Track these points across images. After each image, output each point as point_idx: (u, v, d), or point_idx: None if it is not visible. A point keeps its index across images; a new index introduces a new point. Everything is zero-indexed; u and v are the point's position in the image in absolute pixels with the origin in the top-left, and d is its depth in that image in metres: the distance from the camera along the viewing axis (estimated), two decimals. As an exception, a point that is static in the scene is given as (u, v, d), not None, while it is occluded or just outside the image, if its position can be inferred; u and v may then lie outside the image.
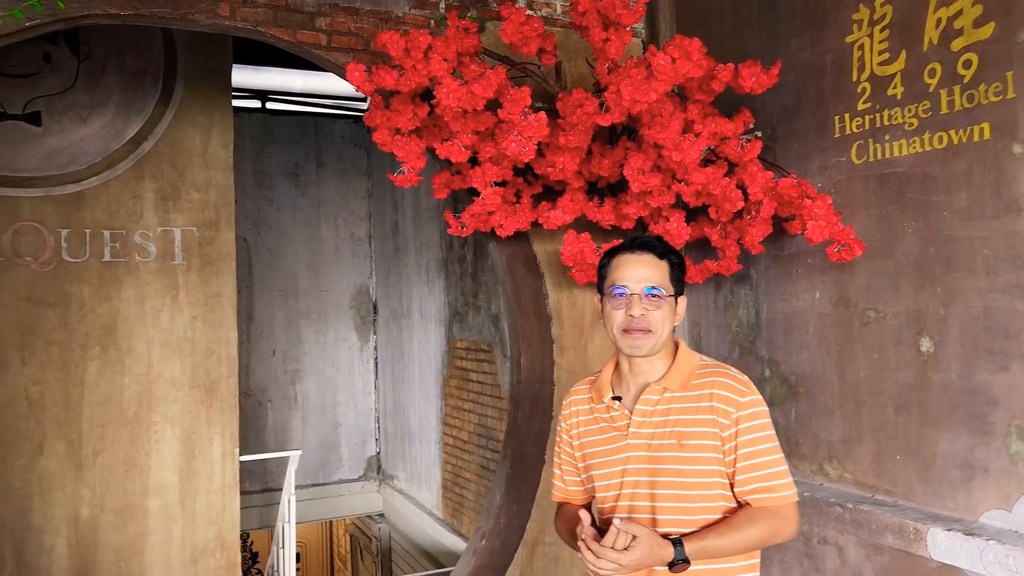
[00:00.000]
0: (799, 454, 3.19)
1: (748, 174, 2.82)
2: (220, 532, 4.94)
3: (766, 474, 1.76)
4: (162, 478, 4.80)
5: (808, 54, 3.09)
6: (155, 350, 4.79)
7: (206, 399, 4.91)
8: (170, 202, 4.84)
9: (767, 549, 3.23)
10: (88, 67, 4.71)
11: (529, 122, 2.57)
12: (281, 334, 8.53)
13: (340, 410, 8.83)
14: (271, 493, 7.99)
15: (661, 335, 1.81)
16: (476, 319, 6.78)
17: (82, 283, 4.63)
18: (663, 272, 1.83)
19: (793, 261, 3.20)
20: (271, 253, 8.50)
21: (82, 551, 4.61)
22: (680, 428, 1.78)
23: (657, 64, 2.46)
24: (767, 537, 1.76)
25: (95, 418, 4.65)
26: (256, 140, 8.46)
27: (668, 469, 1.78)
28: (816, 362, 3.11)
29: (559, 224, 3.12)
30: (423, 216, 7.84)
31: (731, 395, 1.78)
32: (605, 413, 1.89)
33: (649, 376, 1.85)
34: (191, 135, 4.90)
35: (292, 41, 3.17)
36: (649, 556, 1.66)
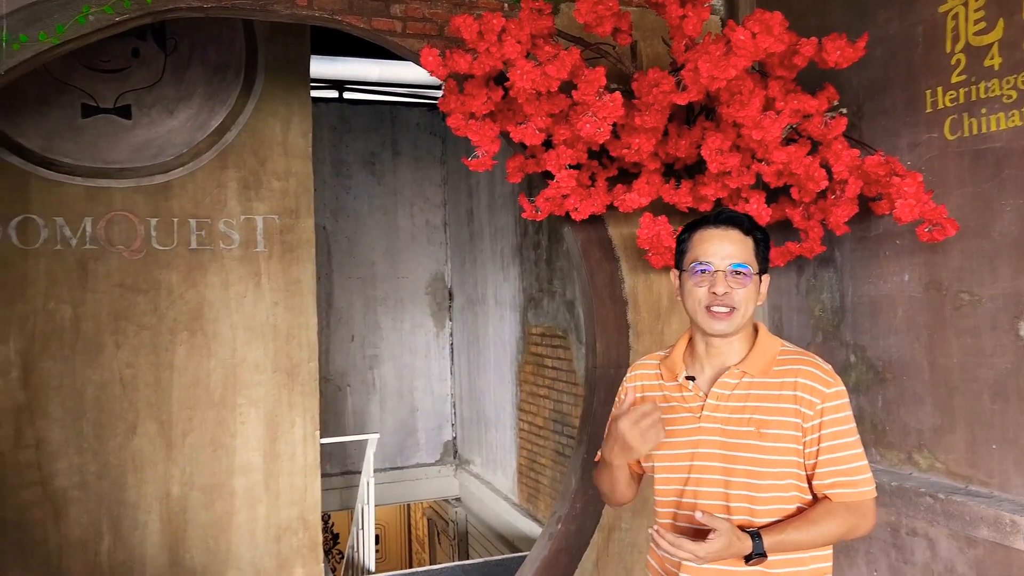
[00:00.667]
0: (886, 442, 3.08)
1: (832, 152, 2.72)
2: (302, 512, 5.08)
3: (848, 468, 1.71)
4: (247, 459, 4.96)
5: (897, 26, 2.96)
6: (239, 335, 4.94)
7: (288, 383, 5.04)
8: (252, 191, 4.97)
9: (852, 540, 3.14)
10: (174, 61, 4.87)
11: (604, 103, 2.53)
12: (359, 320, 8.69)
13: (417, 395, 8.97)
14: (350, 476, 8.18)
15: (745, 314, 1.75)
16: (551, 305, 6.77)
17: (170, 270, 4.81)
18: (748, 248, 1.76)
19: (880, 242, 3.08)
20: (349, 241, 8.66)
21: (173, 527, 4.81)
22: (760, 416, 1.72)
23: (736, 39, 2.39)
24: (845, 532, 1.71)
25: (184, 400, 4.83)
26: (334, 130, 8.62)
27: (743, 457, 1.72)
28: (905, 347, 2.99)
29: (635, 207, 3.08)
30: (497, 202, 7.86)
31: (817, 385, 1.72)
32: (676, 392, 1.84)
33: (727, 358, 1.79)
34: (272, 125, 5.02)
35: (368, 28, 3.20)
36: (727, 549, 1.62)
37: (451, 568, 5.62)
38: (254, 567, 4.96)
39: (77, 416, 4.63)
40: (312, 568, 5.09)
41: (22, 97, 4.53)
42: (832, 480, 1.71)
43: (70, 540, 4.62)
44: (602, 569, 3.48)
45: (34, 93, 4.57)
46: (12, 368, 4.51)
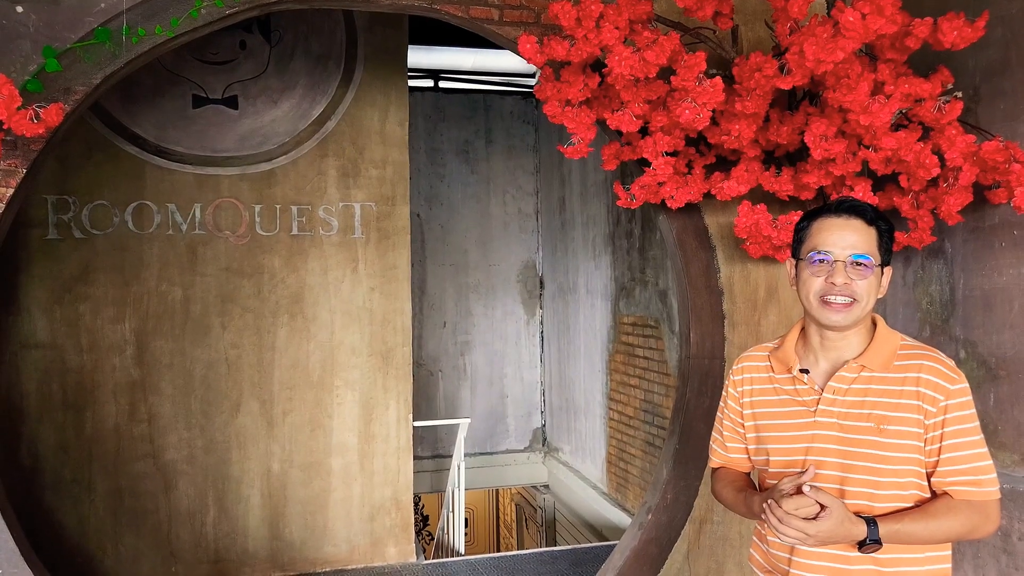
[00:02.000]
0: (998, 443, 2.93)
1: (945, 138, 2.60)
2: (395, 492, 5.22)
3: (972, 467, 1.65)
4: (343, 439, 5.12)
5: (1020, 3, 2.79)
6: (337, 319, 5.10)
7: (383, 366, 5.18)
8: (350, 178, 5.11)
9: (960, 544, 3.01)
10: (278, 53, 5.04)
11: (704, 88, 2.49)
12: (451, 307, 8.83)
13: (507, 382, 9.05)
14: (441, 459, 8.34)
15: (866, 307, 1.69)
16: (643, 294, 6.71)
17: (273, 255, 5.00)
18: (871, 239, 1.70)
19: (996, 233, 2.92)
20: (442, 228, 8.79)
21: (273, 502, 5.02)
22: (880, 411, 1.67)
23: (845, 21, 2.31)
24: (965, 532, 1.65)
25: (284, 381, 5.02)
26: (428, 118, 8.75)
27: (863, 453, 1.67)
28: (1020, 343, 2.83)
29: (733, 195, 3.02)
30: (590, 191, 7.83)
31: (941, 381, 1.66)
32: (789, 384, 1.79)
33: (844, 352, 1.74)
34: (370, 114, 5.14)
35: (465, 17, 3.23)
36: (839, 530, 1.57)
37: (539, 554, 5.67)
38: (349, 543, 5.13)
39: (186, 393, 4.88)
40: (404, 547, 5.22)
41: (137, 89, 4.78)
42: (955, 478, 1.65)
43: (179, 510, 4.88)
44: (693, 561, 3.45)
45: (148, 85, 4.81)
46: (128, 346, 4.78)
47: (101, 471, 4.74)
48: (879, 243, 1.71)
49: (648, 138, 2.90)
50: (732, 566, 3.47)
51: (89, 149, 4.71)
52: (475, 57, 8.06)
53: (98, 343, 4.72)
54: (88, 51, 2.86)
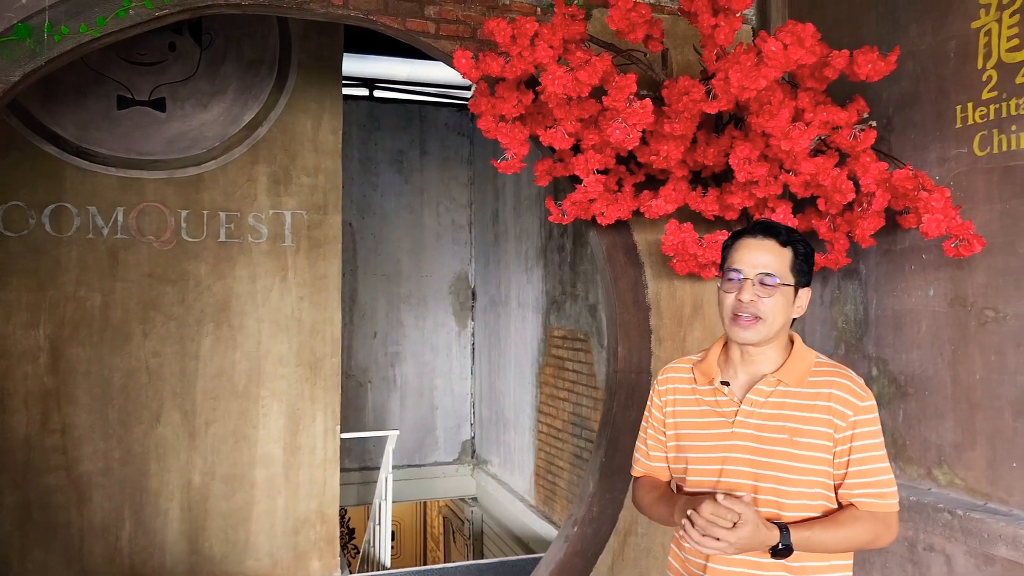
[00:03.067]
0: (906, 456, 3.07)
1: (860, 165, 2.72)
2: (321, 505, 5.14)
3: (876, 480, 1.73)
4: (268, 450, 5.02)
5: (929, 40, 2.95)
6: (264, 328, 5.01)
7: (310, 377, 5.11)
8: (281, 186, 5.04)
9: (867, 553, 3.13)
10: (209, 56, 4.96)
11: (634, 109, 2.55)
12: (382, 317, 8.76)
13: (437, 394, 9.01)
14: (368, 472, 8.24)
15: (771, 325, 1.76)
16: (573, 308, 6.79)
17: (199, 262, 4.89)
18: (784, 260, 1.76)
19: (906, 256, 3.07)
20: (375, 238, 8.73)
21: (193, 516, 4.88)
22: (794, 424, 1.74)
23: (768, 50, 2.40)
24: (869, 541, 1.74)
25: (208, 390, 4.91)
26: (363, 127, 8.69)
27: (775, 463, 1.74)
28: (928, 362, 2.98)
29: (661, 213, 3.09)
30: (523, 205, 7.89)
31: (851, 398, 1.74)
32: (710, 396, 1.85)
33: (762, 366, 1.81)
34: (303, 121, 5.09)
35: (401, 29, 3.24)
36: (755, 537, 1.63)
37: (466, 567, 5.65)
38: (272, 557, 5.03)
39: (103, 402, 4.72)
40: (328, 561, 5.15)
41: (60, 88, 4.63)
42: (861, 491, 1.73)
43: (92, 524, 4.70)
44: (617, 573, 3.50)
45: (71, 84, 4.67)
46: (41, 353, 4.60)
47: (9, 484, 4.54)
48: (793, 264, 1.77)
49: (580, 156, 2.95)
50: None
51: (5, 148, 4.54)
52: (411, 68, 8.04)
53: (9, 350, 4.54)
54: (6, 47, 2.77)
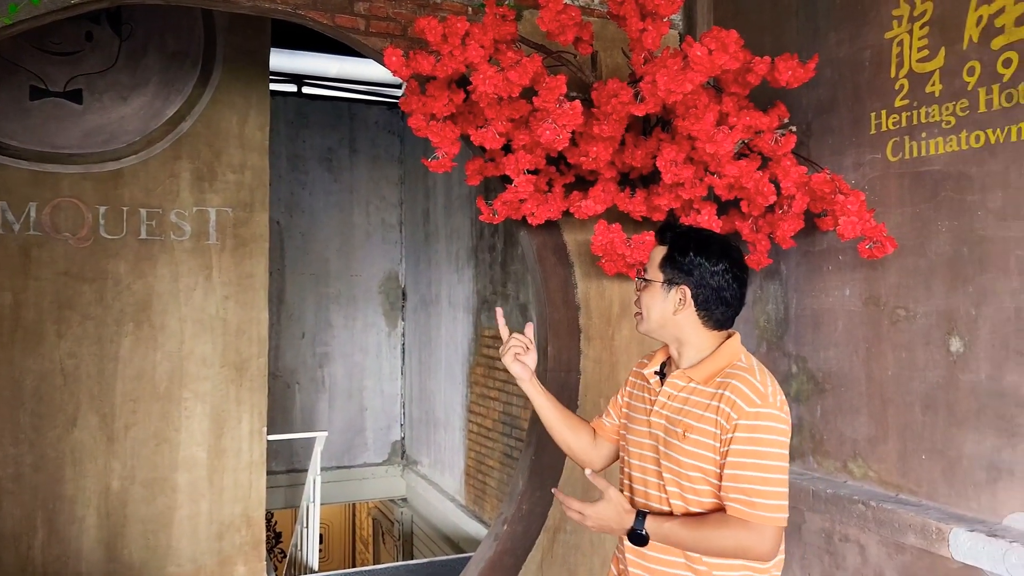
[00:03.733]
0: (823, 451, 3.18)
1: (781, 168, 2.81)
2: (246, 509, 5.03)
3: (748, 488, 1.69)
4: (191, 453, 4.89)
5: (846, 49, 3.07)
6: (187, 328, 4.88)
7: (236, 378, 5.00)
8: (206, 182, 4.92)
9: (786, 545, 3.23)
10: (129, 47, 4.80)
11: (564, 110, 2.58)
12: (311, 317, 8.63)
13: (367, 394, 8.93)
14: (296, 474, 8.11)
15: (648, 320, 1.88)
16: (504, 308, 6.81)
17: (118, 260, 4.73)
18: (657, 257, 1.88)
19: (824, 257, 3.18)
20: (303, 237, 8.59)
21: (112, 522, 4.72)
22: (689, 420, 1.79)
23: (693, 55, 2.46)
24: (735, 548, 1.70)
25: (127, 393, 4.75)
26: (291, 124, 8.55)
27: (672, 457, 1.82)
28: (844, 359, 3.09)
29: (590, 214, 3.13)
30: (454, 204, 7.88)
31: (740, 402, 1.72)
32: (647, 382, 1.97)
33: (682, 362, 1.89)
34: (228, 117, 4.98)
35: (331, 25, 3.20)
36: (613, 518, 1.75)
37: (395, 568, 5.62)
38: (194, 564, 4.90)
39: (14, 406, 4.53)
40: (254, 566, 5.04)
41: (-32, 77, 4.43)
42: (731, 496, 1.71)
43: (2, 533, 4.50)
44: (546, 570, 3.53)
45: (-19, 73, 4.47)
46: (-52, 355, 4.39)
47: (-88, 492, 4.32)
48: (667, 262, 1.84)
49: (511, 155, 2.97)
50: (584, 573, 3.57)
51: (-92, 138, 4.32)
52: (340, 64, 7.95)
53: (-89, 351, 4.32)
54: (-89, 33, 2.63)
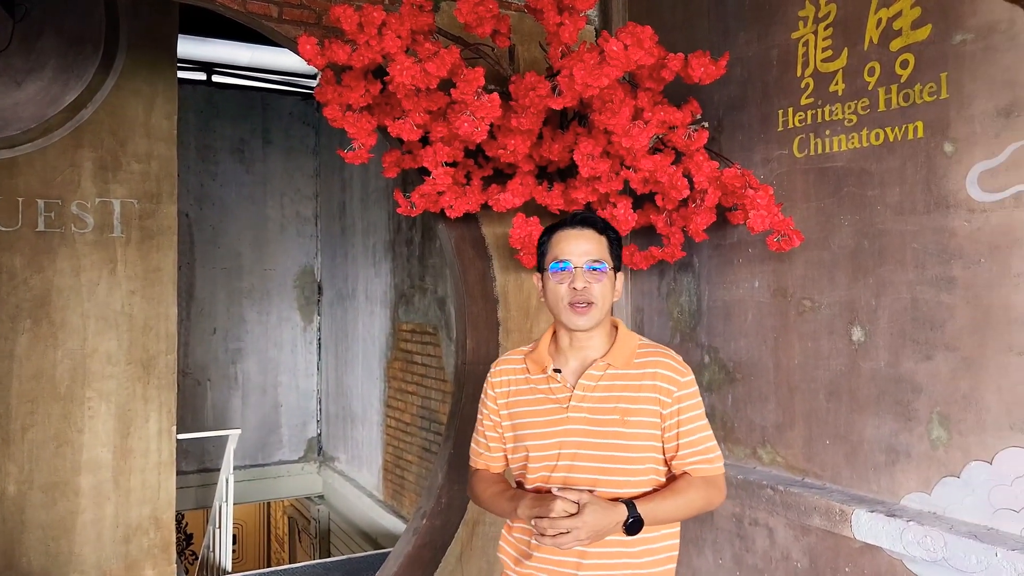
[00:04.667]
0: (734, 438, 3.28)
1: (694, 163, 2.87)
2: (155, 511, 4.86)
3: (704, 447, 1.88)
4: (95, 455, 4.69)
5: (755, 48, 3.16)
6: (90, 324, 4.67)
7: (143, 376, 4.81)
8: (109, 172, 4.71)
9: (699, 530, 3.33)
10: (24, 29, 4.55)
11: (482, 102, 2.58)
12: (222, 312, 8.39)
13: (281, 391, 8.75)
14: (207, 474, 7.89)
15: (603, 308, 1.87)
16: (422, 302, 6.77)
17: (13, 253, 4.49)
18: (603, 246, 1.89)
19: (734, 250, 3.28)
20: (214, 230, 8.34)
21: (8, 529, 4.49)
22: (624, 404, 1.84)
23: (610, 50, 2.49)
24: (704, 504, 1.87)
25: (24, 393, 4.52)
26: (200, 113, 8.28)
27: (609, 444, 1.83)
28: (753, 349, 3.20)
29: (508, 207, 3.14)
30: (371, 197, 7.78)
31: (673, 375, 1.87)
32: (544, 384, 1.92)
33: (591, 352, 1.90)
34: (133, 105, 4.78)
35: (242, 11, 3.11)
36: (604, 519, 1.71)
37: (311, 566, 5.53)
38: (99, 569, 4.70)
39: (-100, 408, 4.25)
40: (164, 569, 4.88)
41: None
42: (692, 459, 1.86)
43: None
44: (465, 563, 3.53)
45: None
46: None
47: None
48: (610, 250, 1.91)
49: (429, 148, 2.95)
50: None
51: None
52: (252, 53, 7.73)
53: None
54: None
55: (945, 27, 2.49)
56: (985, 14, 2.39)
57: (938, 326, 2.52)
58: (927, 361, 2.55)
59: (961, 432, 2.46)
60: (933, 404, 2.53)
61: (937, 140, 2.51)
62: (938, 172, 2.51)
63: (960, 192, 2.45)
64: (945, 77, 2.49)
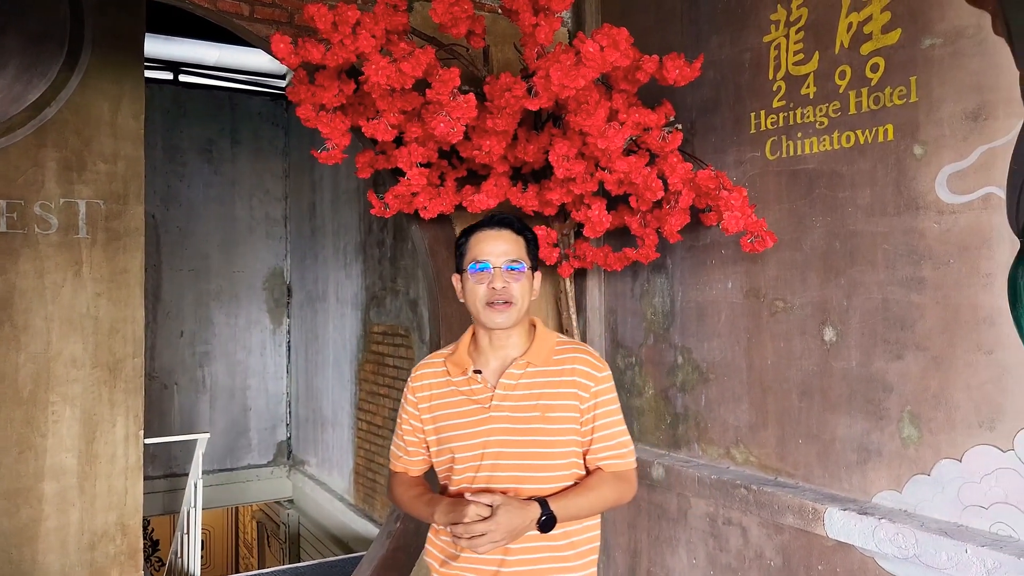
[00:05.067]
0: (707, 438, 3.30)
1: (668, 165, 2.89)
2: (121, 517, 4.77)
3: (617, 443, 1.95)
4: (59, 461, 4.59)
5: (728, 51, 3.19)
6: (55, 327, 4.58)
7: (109, 379, 4.72)
8: (74, 172, 4.62)
9: (672, 530, 3.34)
10: (-14, 26, 4.45)
11: (458, 103, 2.57)
12: (190, 315, 8.27)
13: (250, 394, 8.64)
14: (175, 479, 7.77)
15: (522, 307, 1.91)
16: (394, 303, 6.73)
17: (-26, 254, 4.38)
18: (521, 247, 1.93)
19: (707, 251, 3.30)
20: (181, 231, 8.22)
21: (-31, 537, 4.38)
22: (544, 401, 1.89)
23: (586, 51, 2.50)
24: (616, 499, 1.93)
25: (-14, 397, 4.41)
26: (167, 113, 8.16)
27: (531, 440, 1.87)
28: (727, 350, 3.22)
29: (483, 208, 3.13)
30: (341, 198, 7.73)
31: (591, 371, 1.93)
32: (465, 385, 1.94)
33: (511, 351, 1.94)
34: (99, 103, 4.69)
35: (213, 9, 3.07)
36: (517, 519, 1.73)
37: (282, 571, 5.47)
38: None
39: None
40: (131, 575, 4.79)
41: None
42: (606, 454, 1.93)
43: None
44: (440, 566, 3.51)
45: None
46: None
47: None
48: (528, 250, 1.95)
49: (403, 148, 2.93)
50: (477, 567, 3.57)
51: None
52: (220, 52, 7.65)
53: None
54: None
55: (914, 32, 2.53)
56: (953, 19, 2.43)
57: (908, 326, 2.55)
58: (898, 360, 2.58)
59: (931, 430, 2.49)
60: (904, 403, 2.57)
61: (907, 143, 2.55)
62: (908, 174, 2.55)
63: (929, 194, 2.49)
64: (914, 81, 2.52)
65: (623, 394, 3.74)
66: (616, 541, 3.68)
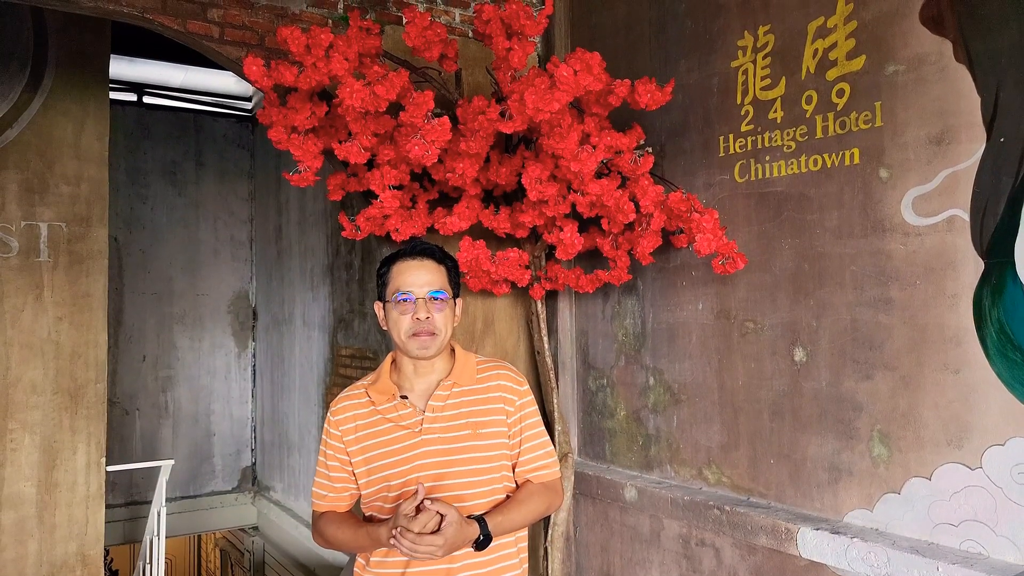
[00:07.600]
0: (680, 459, 3.31)
1: (640, 187, 2.92)
2: (82, 547, 4.64)
3: (543, 453, 2.01)
4: (17, 490, 4.46)
5: (696, 76, 3.24)
6: (14, 352, 4.47)
7: (70, 405, 4.61)
8: (36, 195, 4.53)
9: (646, 552, 3.34)
10: (-54, 46, 4.37)
11: (433, 126, 2.57)
12: (152, 339, 8.11)
13: (214, 419, 8.48)
14: (136, 507, 7.58)
15: (445, 336, 1.93)
16: (362, 326, 6.68)
17: (-69, 278, 4.27)
18: (443, 275, 1.95)
19: (678, 273, 3.33)
20: (144, 254, 8.09)
21: (-79, 571, 4.23)
22: (474, 419, 1.93)
23: (560, 75, 2.52)
24: (546, 508, 1.99)
25: (-59, 425, 4.28)
26: (130, 135, 8.05)
27: (464, 458, 1.89)
28: (698, 371, 3.24)
29: (455, 230, 3.13)
30: (308, 221, 7.67)
31: (513, 385, 2.00)
32: (392, 412, 1.94)
33: (434, 375, 1.97)
34: (62, 125, 4.62)
35: (182, 31, 3.05)
36: (460, 537, 1.75)
37: (249, 601, 5.34)
38: (21, 611, 4.46)
39: None
40: (91, 608, 4.65)
41: None
42: (533, 465, 1.99)
43: None
44: (412, 592, 3.46)
45: None
46: None
47: None
48: (449, 278, 1.98)
49: (376, 171, 2.93)
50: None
51: None
52: (185, 74, 7.59)
53: None
54: None
55: (879, 58, 2.59)
56: (915, 46, 2.50)
57: (877, 346, 2.60)
58: (867, 380, 2.62)
59: (901, 449, 2.53)
60: (873, 422, 2.60)
61: (873, 166, 2.61)
62: (874, 197, 2.60)
63: (895, 216, 2.54)
64: (879, 106, 2.59)
65: (595, 415, 3.75)
66: (589, 563, 3.67)
